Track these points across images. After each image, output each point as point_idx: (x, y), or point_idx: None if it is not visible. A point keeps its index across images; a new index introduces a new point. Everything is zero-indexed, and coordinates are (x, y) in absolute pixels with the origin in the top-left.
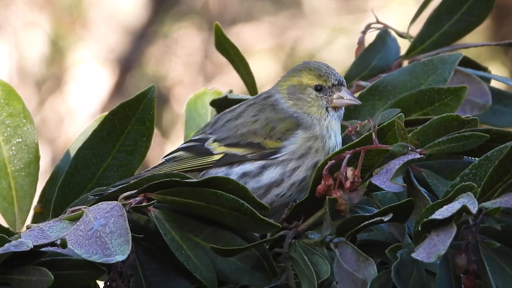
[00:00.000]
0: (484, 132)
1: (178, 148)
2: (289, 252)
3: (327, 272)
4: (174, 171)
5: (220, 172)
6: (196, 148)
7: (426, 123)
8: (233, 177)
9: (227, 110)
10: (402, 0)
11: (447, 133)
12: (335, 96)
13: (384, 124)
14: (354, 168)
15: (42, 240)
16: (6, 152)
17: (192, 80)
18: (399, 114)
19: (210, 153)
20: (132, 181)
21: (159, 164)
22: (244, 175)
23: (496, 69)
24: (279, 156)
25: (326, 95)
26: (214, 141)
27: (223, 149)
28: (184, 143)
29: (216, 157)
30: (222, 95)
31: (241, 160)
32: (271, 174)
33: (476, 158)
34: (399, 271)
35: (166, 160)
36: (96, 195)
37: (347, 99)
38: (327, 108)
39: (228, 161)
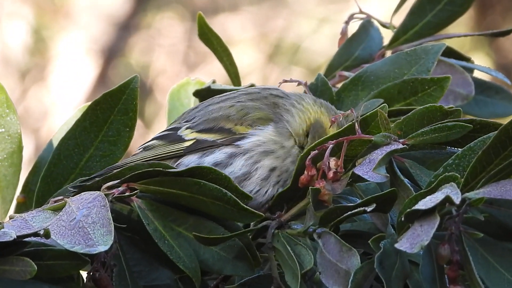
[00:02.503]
0: (467, 123)
1: (153, 138)
2: (272, 243)
3: (310, 262)
4: (146, 159)
5: (192, 161)
6: (169, 136)
7: (409, 114)
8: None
9: (211, 100)
10: None
11: (430, 123)
12: None
13: (367, 114)
14: (337, 158)
15: (25, 230)
16: None
17: (176, 70)
18: (382, 105)
19: (182, 139)
20: (113, 171)
21: (134, 154)
22: (216, 165)
23: (480, 60)
24: (245, 144)
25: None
26: (187, 128)
27: (194, 135)
28: (159, 132)
29: (187, 143)
30: (205, 85)
31: (211, 145)
32: (239, 164)
33: (459, 149)
34: (382, 262)
35: (142, 149)
36: (76, 187)
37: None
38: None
39: (198, 147)
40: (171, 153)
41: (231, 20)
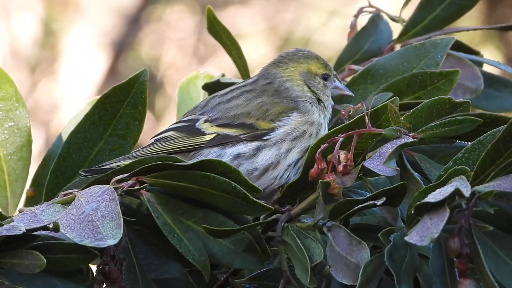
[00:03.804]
0: (477, 117)
1: (168, 129)
2: (282, 236)
3: (320, 256)
4: (165, 151)
5: (212, 153)
6: (187, 128)
7: (418, 106)
8: (226, 158)
9: (217, 93)
10: None
11: (439, 116)
12: (333, 86)
13: (378, 107)
14: (347, 151)
15: (34, 224)
16: None
17: (185, 63)
18: (393, 98)
19: (201, 133)
20: (122, 161)
21: (149, 145)
22: (237, 156)
23: (490, 54)
24: (272, 137)
25: (329, 84)
26: (205, 121)
27: (215, 129)
28: (174, 123)
29: (208, 137)
30: (214, 78)
31: (233, 140)
32: (266, 156)
33: (469, 142)
34: (392, 255)
35: (155, 140)
36: (88, 171)
37: (342, 89)
38: (329, 97)
39: (220, 141)
40: (192, 147)
41: (241, 13)
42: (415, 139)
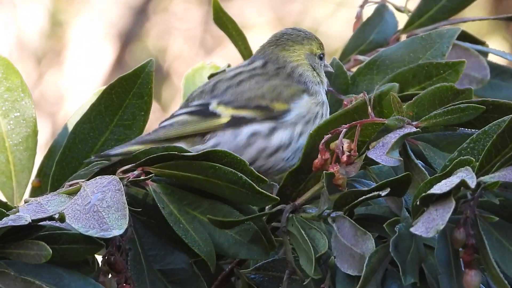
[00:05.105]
0: (480, 104)
1: (179, 113)
2: (286, 227)
3: (325, 246)
4: (180, 135)
5: (227, 133)
6: (200, 112)
7: (420, 94)
8: (242, 137)
9: (220, 78)
10: None
11: (442, 104)
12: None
13: (376, 94)
14: (350, 141)
15: (40, 214)
16: (4, 127)
17: (192, 54)
18: (391, 85)
19: (217, 115)
20: (136, 146)
21: (159, 128)
22: (253, 134)
23: (497, 44)
24: (289, 119)
25: (323, 63)
26: (219, 104)
27: (230, 111)
28: (183, 108)
29: (224, 120)
30: (220, 69)
31: (250, 122)
32: (280, 136)
33: (472, 130)
34: (397, 245)
35: (165, 125)
36: (101, 155)
37: (327, 67)
38: (324, 76)
39: (237, 123)
40: (208, 129)
41: (248, 3)
42: (418, 129)
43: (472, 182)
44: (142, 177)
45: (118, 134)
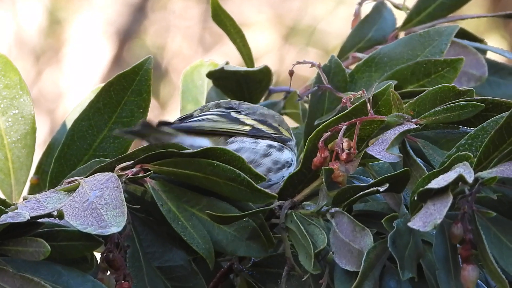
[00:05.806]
0: (480, 102)
1: (208, 113)
2: (285, 223)
3: (324, 242)
4: (216, 129)
5: (248, 139)
6: (227, 116)
7: (422, 94)
8: (262, 145)
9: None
10: None
11: (443, 103)
12: None
13: (376, 92)
14: (349, 139)
15: (38, 211)
16: (3, 124)
17: (191, 51)
18: (389, 83)
19: (240, 121)
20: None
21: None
22: (270, 146)
23: (495, 42)
24: (290, 144)
25: None
26: (239, 113)
27: (251, 122)
28: (204, 111)
29: (247, 127)
30: (218, 66)
31: (266, 136)
32: (287, 154)
33: (472, 128)
34: (395, 241)
35: (197, 120)
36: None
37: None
38: None
39: (255, 134)
40: (235, 131)
41: (247, 1)
42: (418, 126)
43: (470, 177)
44: (140, 174)
45: None
